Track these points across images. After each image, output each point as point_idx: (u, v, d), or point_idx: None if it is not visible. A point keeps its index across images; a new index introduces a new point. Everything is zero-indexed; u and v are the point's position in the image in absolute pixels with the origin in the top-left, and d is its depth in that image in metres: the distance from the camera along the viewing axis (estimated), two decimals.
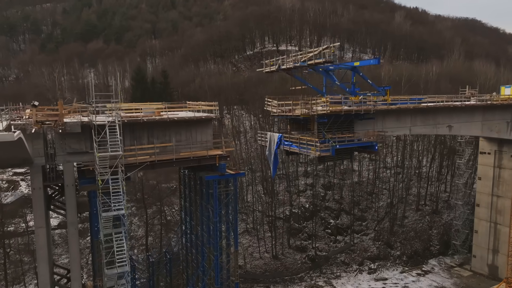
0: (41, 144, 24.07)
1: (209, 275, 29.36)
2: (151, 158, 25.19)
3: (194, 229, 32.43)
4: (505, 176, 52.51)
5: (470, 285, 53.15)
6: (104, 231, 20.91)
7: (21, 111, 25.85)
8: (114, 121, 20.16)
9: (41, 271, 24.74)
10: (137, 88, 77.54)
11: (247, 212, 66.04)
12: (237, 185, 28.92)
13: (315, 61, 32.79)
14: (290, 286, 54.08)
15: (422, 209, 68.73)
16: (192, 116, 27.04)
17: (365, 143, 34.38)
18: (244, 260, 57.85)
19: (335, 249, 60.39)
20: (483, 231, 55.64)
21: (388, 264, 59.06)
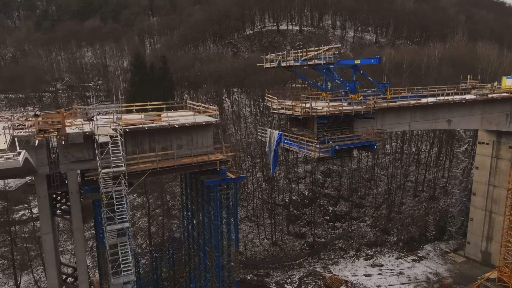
0: (45, 153, 24.41)
1: (211, 272, 30.46)
2: (153, 166, 25.60)
3: (196, 227, 33.29)
4: (502, 166, 53.08)
5: (464, 271, 54.85)
6: (109, 241, 21.62)
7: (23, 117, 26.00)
8: (116, 137, 20.39)
9: (49, 275, 25.71)
10: (136, 73, 76.85)
11: (247, 199, 67.14)
12: (237, 188, 29.46)
13: (316, 62, 32.63)
14: (289, 272, 55.82)
15: (420, 196, 69.85)
16: (193, 122, 27.22)
17: (364, 143, 34.67)
18: (244, 247, 59.41)
19: (333, 235, 61.89)
20: (478, 219, 56.84)
21: (385, 250, 60.70)
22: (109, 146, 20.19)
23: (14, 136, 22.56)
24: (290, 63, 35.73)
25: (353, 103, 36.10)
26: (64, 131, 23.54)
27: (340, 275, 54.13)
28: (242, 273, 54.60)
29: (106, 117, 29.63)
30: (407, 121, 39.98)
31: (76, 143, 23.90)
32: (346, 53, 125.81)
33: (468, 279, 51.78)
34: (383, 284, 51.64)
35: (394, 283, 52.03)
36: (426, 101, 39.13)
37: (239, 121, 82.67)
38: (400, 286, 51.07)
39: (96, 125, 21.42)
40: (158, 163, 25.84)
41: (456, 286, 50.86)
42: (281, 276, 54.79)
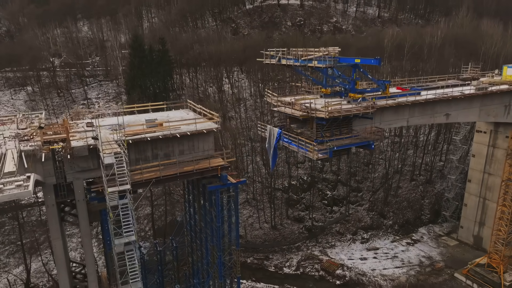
0: (51, 164, 25.07)
1: (214, 268, 32.05)
2: (156, 175, 26.37)
3: (198, 224, 34.57)
4: (498, 155, 53.95)
5: (455, 255, 57.06)
6: (117, 250, 22.79)
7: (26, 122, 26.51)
8: (121, 157, 21.00)
9: (60, 277, 27.19)
10: (135, 56, 76.06)
11: (248, 183, 68.48)
12: (238, 192, 30.42)
13: (316, 65, 32.65)
14: (287, 255, 58.08)
15: (416, 179, 71.23)
16: (194, 130, 27.72)
17: (362, 143, 35.29)
18: (244, 230, 61.43)
19: (330, 219, 63.79)
20: (472, 205, 58.42)
21: (380, 234, 62.79)
22: (114, 167, 20.87)
23: (21, 150, 23.19)
24: (290, 63, 35.71)
25: (352, 102, 36.46)
26: (69, 145, 24.14)
27: (337, 259, 56.38)
28: (243, 256, 56.94)
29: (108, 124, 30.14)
30: (405, 117, 40.36)
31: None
32: (347, 29, 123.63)
33: (459, 263, 54.00)
34: (377, 268, 53.93)
35: (388, 266, 54.32)
36: (425, 98, 39.32)
37: (239, 104, 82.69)
38: (394, 270, 53.36)
39: (101, 143, 21.95)
40: (161, 172, 26.60)
41: (447, 270, 53.13)
42: (280, 259, 57.07)
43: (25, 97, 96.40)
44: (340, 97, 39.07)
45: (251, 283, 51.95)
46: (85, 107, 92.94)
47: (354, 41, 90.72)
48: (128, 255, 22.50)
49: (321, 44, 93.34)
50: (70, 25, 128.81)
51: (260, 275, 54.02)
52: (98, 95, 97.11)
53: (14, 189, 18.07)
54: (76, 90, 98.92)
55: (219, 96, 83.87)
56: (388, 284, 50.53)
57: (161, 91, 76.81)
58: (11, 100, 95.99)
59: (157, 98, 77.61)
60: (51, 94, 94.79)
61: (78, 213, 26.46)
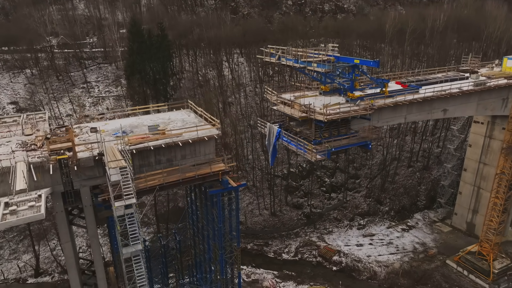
0: (58, 173, 25.99)
1: (216, 264, 33.69)
2: (160, 181, 27.34)
3: (200, 220, 35.92)
4: (494, 146, 54.82)
5: (448, 241, 59.07)
6: (124, 256, 24.12)
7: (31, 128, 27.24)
8: (127, 175, 21.85)
9: (71, 276, 28.76)
10: (134, 41, 75.37)
11: (248, 170, 69.80)
12: (238, 194, 31.50)
13: (315, 68, 32.95)
14: (286, 241, 60.12)
15: (414, 166, 72.46)
16: (195, 137, 28.45)
17: (359, 143, 36.12)
18: (245, 217, 63.25)
19: (328, 206, 65.49)
20: (466, 193, 59.88)
21: (377, 220, 64.66)
22: (121, 184, 21.78)
23: (29, 163, 24.07)
24: (290, 63, 35.94)
25: (351, 101, 37.00)
26: (75, 157, 24.97)
27: (334, 245, 58.44)
28: (243, 242, 58.92)
29: (112, 129, 30.82)
30: (403, 114, 40.94)
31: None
32: (349, 8, 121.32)
33: (451, 250, 56.03)
34: (372, 254, 56.02)
35: (383, 253, 56.41)
36: (423, 96, 39.76)
37: (239, 89, 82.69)
38: (389, 257, 55.46)
39: (107, 159, 22.73)
40: (165, 178, 27.57)
41: (440, 257, 55.23)
42: (279, 245, 59.13)
43: (24, 81, 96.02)
44: (339, 95, 39.62)
45: (251, 269, 54.12)
46: (84, 91, 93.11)
47: (355, 24, 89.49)
48: (135, 262, 23.83)
49: (322, 27, 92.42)
50: (66, 1, 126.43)
51: (260, 261, 56.16)
52: (97, 78, 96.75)
53: (27, 211, 19.09)
54: (75, 73, 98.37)
55: (219, 81, 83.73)
56: (383, 270, 52.70)
57: (161, 77, 76.72)
58: (10, 84, 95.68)
59: (157, 83, 77.81)
60: (50, 78, 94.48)
61: (85, 217, 27.66)
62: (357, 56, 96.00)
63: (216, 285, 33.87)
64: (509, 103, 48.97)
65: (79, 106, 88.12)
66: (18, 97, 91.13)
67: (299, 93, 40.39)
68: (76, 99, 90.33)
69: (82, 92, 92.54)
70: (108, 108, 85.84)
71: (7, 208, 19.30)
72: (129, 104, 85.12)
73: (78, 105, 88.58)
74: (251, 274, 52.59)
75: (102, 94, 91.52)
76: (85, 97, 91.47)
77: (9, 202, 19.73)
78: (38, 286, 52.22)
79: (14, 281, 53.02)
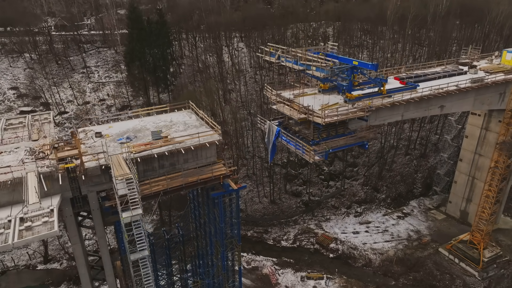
0: (67, 180, 27.18)
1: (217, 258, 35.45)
2: (164, 187, 28.54)
3: (202, 217, 37.43)
4: (489, 138, 55.81)
5: (442, 229, 61.09)
6: (132, 259, 25.66)
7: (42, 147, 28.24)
8: (134, 187, 22.97)
9: (82, 273, 30.52)
10: (133, 28, 74.83)
11: (248, 158, 71.09)
12: (238, 196, 32.75)
13: (314, 73, 33.49)
14: (285, 228, 62.17)
15: (411, 154, 73.67)
16: (197, 144, 29.41)
17: (356, 143, 37.12)
18: (245, 205, 65.08)
19: (326, 194, 67.19)
20: (461, 182, 61.38)
21: (373, 207, 66.49)
22: (128, 198, 22.93)
23: (39, 173, 25.19)
24: (289, 65, 36.41)
25: (349, 102, 37.72)
26: (83, 167, 26.05)
27: (331, 232, 60.51)
28: (243, 229, 61.04)
29: (117, 133, 31.73)
30: (400, 112, 41.71)
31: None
32: None
33: (444, 237, 58.09)
34: (368, 242, 58.14)
35: (379, 240, 58.52)
36: (420, 95, 40.38)
37: (238, 76, 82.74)
38: (384, 244, 57.59)
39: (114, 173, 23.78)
40: (168, 184, 28.77)
41: (433, 244, 57.34)
42: (278, 232, 61.22)
43: (23, 65, 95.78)
44: (338, 92, 40.25)
45: (251, 256, 56.36)
46: (84, 76, 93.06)
47: (356, 9, 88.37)
48: (143, 265, 25.39)
49: (323, 12, 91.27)
50: None
51: (260, 248, 58.37)
52: (97, 63, 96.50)
53: (41, 226, 20.36)
54: (74, 57, 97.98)
55: (219, 68, 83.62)
56: (377, 258, 54.91)
57: (161, 64, 76.68)
58: (9, 68, 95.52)
59: (157, 70, 77.83)
60: (50, 63, 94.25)
61: (93, 220, 29.07)
62: (358, 41, 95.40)
63: (218, 279, 35.78)
64: (506, 97, 49.56)
65: (80, 92, 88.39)
66: (18, 82, 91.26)
67: (298, 91, 40.99)
68: (76, 84, 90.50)
69: (82, 78, 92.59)
70: (108, 95, 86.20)
71: (23, 224, 20.56)
72: (130, 90, 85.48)
73: (79, 90, 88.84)
74: (251, 261, 54.85)
75: (102, 80, 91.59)
76: (85, 82, 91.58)
77: (24, 218, 20.99)
78: (48, 272, 54.60)
79: (24, 268, 55.39)
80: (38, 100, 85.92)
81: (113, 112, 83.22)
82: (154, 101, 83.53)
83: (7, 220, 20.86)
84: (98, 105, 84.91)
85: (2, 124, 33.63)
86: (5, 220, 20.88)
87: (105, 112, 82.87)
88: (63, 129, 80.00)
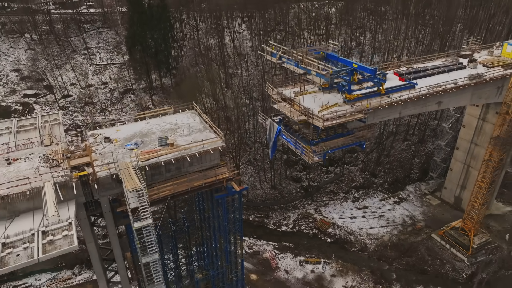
0: (80, 188, 29.03)
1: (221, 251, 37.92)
2: (171, 192, 30.36)
3: (206, 211, 39.56)
4: (486, 128, 57.04)
5: (436, 214, 63.56)
6: (143, 261, 27.94)
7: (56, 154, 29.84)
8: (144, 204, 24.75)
9: (96, 266, 33.06)
10: (134, 11, 74.32)
11: (249, 143, 72.69)
12: (241, 196, 34.62)
13: (314, 78, 34.39)
14: (285, 213, 64.75)
15: (410, 139, 75.09)
16: (202, 150, 30.93)
17: (354, 143, 38.56)
18: (246, 190, 67.32)
19: (326, 179, 69.28)
20: (457, 170, 63.22)
21: (371, 192, 68.74)
22: (138, 210, 24.75)
23: (55, 183, 26.95)
24: (290, 67, 37.22)
25: (348, 102, 38.81)
26: (95, 176, 27.76)
27: (329, 217, 63.09)
28: (245, 214, 63.69)
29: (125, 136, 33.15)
30: (398, 110, 42.77)
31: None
32: None
33: (438, 223, 60.64)
34: (364, 227, 60.78)
35: (375, 225, 61.14)
36: (418, 94, 41.31)
37: (240, 59, 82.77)
38: (379, 229, 60.24)
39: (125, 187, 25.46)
40: (175, 188, 30.57)
41: (426, 230, 59.97)
42: (279, 217, 63.85)
43: (24, 46, 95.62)
44: (338, 91, 41.21)
45: (252, 240, 59.24)
46: (86, 58, 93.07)
47: None
48: (153, 267, 27.68)
49: None
50: None
51: (261, 232, 61.17)
52: (98, 44, 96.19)
53: (62, 240, 22.33)
54: (74, 38, 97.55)
55: (220, 50, 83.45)
56: (373, 243, 57.71)
57: (163, 49, 76.72)
58: (11, 49, 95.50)
59: (159, 55, 77.96)
60: (51, 44, 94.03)
61: (105, 221, 31.18)
62: (360, 21, 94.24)
63: (222, 270, 38.42)
64: (504, 91, 50.31)
65: (82, 74, 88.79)
66: (20, 64, 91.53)
67: (299, 89, 41.89)
68: (78, 66, 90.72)
69: (83, 59, 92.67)
70: (111, 78, 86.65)
71: (45, 237, 22.52)
72: (132, 74, 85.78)
73: (81, 73, 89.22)
74: (252, 246, 57.77)
75: (104, 62, 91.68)
76: (87, 64, 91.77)
77: (46, 231, 22.92)
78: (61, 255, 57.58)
79: None
80: (41, 82, 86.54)
81: (116, 96, 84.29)
82: (156, 84, 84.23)
83: (31, 233, 22.80)
84: (101, 88, 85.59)
85: (14, 126, 34.99)
86: (29, 233, 22.83)
87: (108, 96, 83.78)
88: (67, 113, 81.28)
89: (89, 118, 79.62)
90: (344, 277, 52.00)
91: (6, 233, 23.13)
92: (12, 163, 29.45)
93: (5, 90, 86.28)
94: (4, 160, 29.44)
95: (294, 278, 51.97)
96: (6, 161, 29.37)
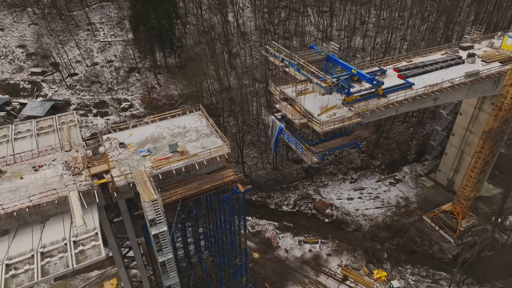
0: (101, 192, 32.28)
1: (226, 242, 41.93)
2: (181, 196, 33.54)
3: (213, 204, 43.06)
4: (481, 117, 59.04)
5: (428, 195, 67.18)
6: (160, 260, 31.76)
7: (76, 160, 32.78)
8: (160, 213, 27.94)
9: (115, 256, 37.12)
10: None
11: (252, 125, 75.07)
12: (245, 196, 37.81)
13: (314, 87, 36.26)
14: (286, 194, 68.56)
15: (409, 121, 77.14)
16: (209, 158, 33.72)
17: (350, 144, 41.13)
18: (250, 170, 70.80)
19: (325, 161, 72.29)
20: (451, 155, 65.99)
21: (368, 173, 72.05)
22: (155, 220, 28.01)
23: (79, 192, 30.15)
24: (292, 72, 38.95)
25: (347, 104, 40.89)
26: (114, 185, 30.86)
27: (328, 198, 66.91)
28: (248, 194, 67.54)
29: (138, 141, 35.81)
30: (395, 108, 44.77)
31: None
32: None
33: (430, 205, 64.38)
34: (360, 208, 64.69)
35: (370, 207, 65.02)
36: (414, 94, 43.14)
37: (244, 38, 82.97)
38: (374, 211, 64.16)
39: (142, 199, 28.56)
40: (185, 192, 33.75)
41: (418, 211, 63.85)
42: (280, 198, 67.75)
43: (28, 21, 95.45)
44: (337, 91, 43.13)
45: (255, 219, 63.51)
46: (90, 34, 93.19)
47: None
48: (169, 264, 31.54)
49: None
50: None
51: (263, 212, 65.32)
52: (101, 20, 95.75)
53: (91, 250, 25.81)
54: (77, 12, 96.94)
55: (223, 28, 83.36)
56: (367, 223, 61.85)
57: (167, 30, 76.98)
58: (14, 24, 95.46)
59: (163, 35, 78.34)
60: (54, 18, 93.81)
61: (123, 219, 34.79)
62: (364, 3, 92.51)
63: (228, 258, 42.63)
64: (500, 84, 51.76)
65: (87, 52, 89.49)
66: (25, 40, 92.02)
67: (300, 88, 43.73)
68: (82, 43, 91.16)
69: (87, 36, 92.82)
70: (116, 56, 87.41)
71: (77, 247, 25.99)
72: (136, 52, 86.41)
73: (85, 50, 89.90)
74: (255, 225, 62.12)
75: (108, 39, 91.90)
76: (91, 41, 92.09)
77: (76, 241, 26.36)
78: None
79: None
80: (47, 59, 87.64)
81: (122, 75, 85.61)
82: (160, 63, 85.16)
83: (63, 243, 26.27)
84: (106, 66, 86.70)
85: (34, 129, 37.67)
86: (62, 243, 26.30)
87: (113, 74, 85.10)
88: (75, 92, 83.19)
89: (96, 98, 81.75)
90: (339, 256, 56.62)
91: (42, 241, 26.65)
92: (38, 169, 32.54)
93: (12, 68, 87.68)
94: (31, 167, 32.50)
95: (293, 257, 56.67)
96: (32, 168, 32.46)
